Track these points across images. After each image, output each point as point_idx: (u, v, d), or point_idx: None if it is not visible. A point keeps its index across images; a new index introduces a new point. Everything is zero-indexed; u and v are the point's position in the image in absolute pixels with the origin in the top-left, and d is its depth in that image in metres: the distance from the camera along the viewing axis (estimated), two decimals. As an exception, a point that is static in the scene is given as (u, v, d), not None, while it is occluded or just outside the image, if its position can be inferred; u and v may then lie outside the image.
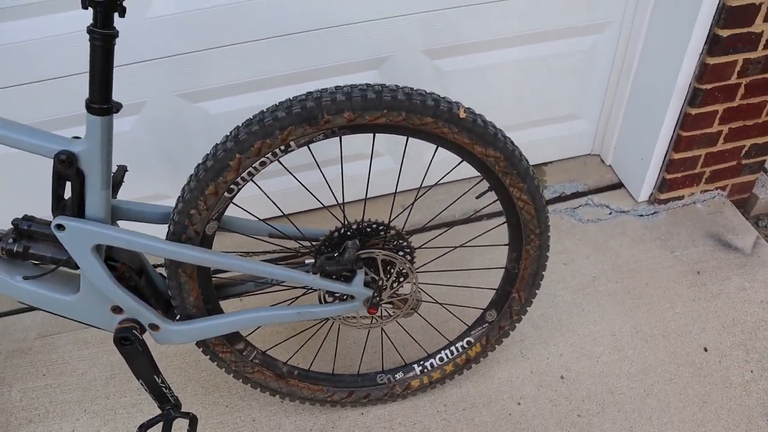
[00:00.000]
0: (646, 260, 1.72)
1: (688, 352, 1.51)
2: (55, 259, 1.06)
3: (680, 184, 1.82)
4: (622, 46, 1.74)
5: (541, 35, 1.68)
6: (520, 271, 1.27)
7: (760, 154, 1.81)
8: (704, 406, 1.40)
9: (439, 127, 1.03)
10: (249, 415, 1.44)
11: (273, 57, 1.53)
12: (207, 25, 1.43)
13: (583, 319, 1.59)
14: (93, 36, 0.87)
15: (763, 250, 1.73)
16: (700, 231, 1.79)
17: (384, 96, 0.98)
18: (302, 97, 0.99)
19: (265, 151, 1.00)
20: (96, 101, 0.92)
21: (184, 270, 1.11)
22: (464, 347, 1.39)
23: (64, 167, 0.96)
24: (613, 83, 1.83)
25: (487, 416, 1.41)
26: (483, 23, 1.60)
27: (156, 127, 1.59)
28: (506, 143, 1.09)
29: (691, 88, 1.60)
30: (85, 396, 1.51)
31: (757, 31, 1.49)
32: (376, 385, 1.40)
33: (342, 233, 1.14)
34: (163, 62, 1.47)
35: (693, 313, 1.59)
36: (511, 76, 1.75)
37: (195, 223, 1.05)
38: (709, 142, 1.72)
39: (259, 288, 1.25)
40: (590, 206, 1.89)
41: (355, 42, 1.55)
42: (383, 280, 1.16)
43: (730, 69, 1.55)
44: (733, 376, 1.46)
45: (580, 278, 1.69)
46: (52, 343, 1.64)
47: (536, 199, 1.16)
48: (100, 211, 1.02)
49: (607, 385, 1.45)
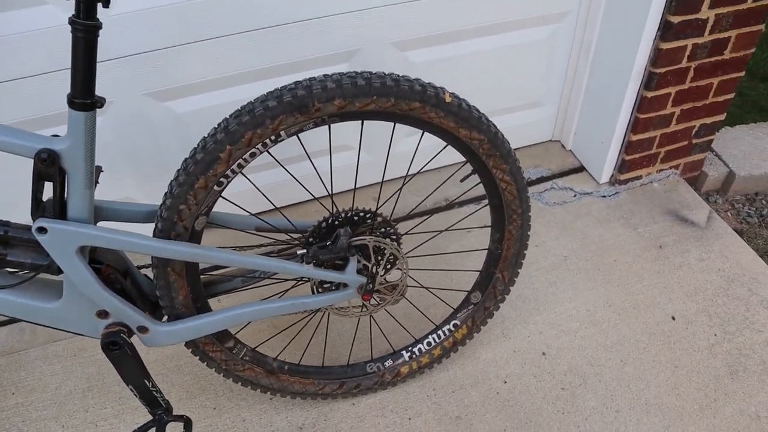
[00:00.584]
0: (611, 238, 1.80)
1: (658, 322, 1.59)
2: (35, 265, 1.02)
3: (638, 165, 1.91)
4: (579, 35, 1.82)
5: (503, 26, 1.73)
6: (504, 251, 1.31)
7: (708, 134, 1.92)
8: (676, 371, 1.48)
9: (426, 111, 1.05)
10: (238, 415, 1.42)
11: (242, 53, 1.51)
12: (173, 22, 1.40)
13: (558, 297, 1.65)
14: (75, 27, 0.84)
15: (716, 223, 1.84)
16: (658, 208, 1.89)
17: (373, 82, 0.99)
18: (292, 86, 0.99)
19: (256, 141, 0.99)
20: (79, 96, 0.89)
21: (173, 268, 1.08)
22: (451, 330, 1.41)
23: (45, 166, 0.92)
24: (571, 71, 1.91)
25: (476, 396, 1.44)
26: (449, 15, 1.63)
27: (123, 128, 1.54)
28: (489, 126, 1.12)
29: (646, 72, 1.68)
30: (62, 411, 1.45)
31: (704, 18, 1.59)
32: (366, 375, 1.41)
33: (330, 222, 1.14)
34: (129, 60, 1.43)
35: (659, 284, 1.68)
36: (475, 66, 1.79)
37: (184, 219, 1.03)
38: (663, 123, 1.81)
39: (247, 284, 1.24)
40: (555, 190, 1.96)
41: (325, 36, 1.55)
42: (375, 266, 1.17)
43: (680, 53, 1.65)
44: (700, 341, 1.55)
45: (551, 259, 1.75)
46: (18, 360, 1.56)
47: (518, 180, 1.20)
48: (83, 211, 0.98)
49: (587, 357, 1.51)
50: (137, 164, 1.64)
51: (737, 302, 1.62)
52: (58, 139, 0.92)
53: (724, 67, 1.74)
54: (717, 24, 1.62)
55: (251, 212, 1.21)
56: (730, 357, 1.51)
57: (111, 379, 1.50)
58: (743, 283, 1.67)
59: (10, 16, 1.30)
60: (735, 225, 1.94)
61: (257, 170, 1.77)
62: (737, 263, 1.72)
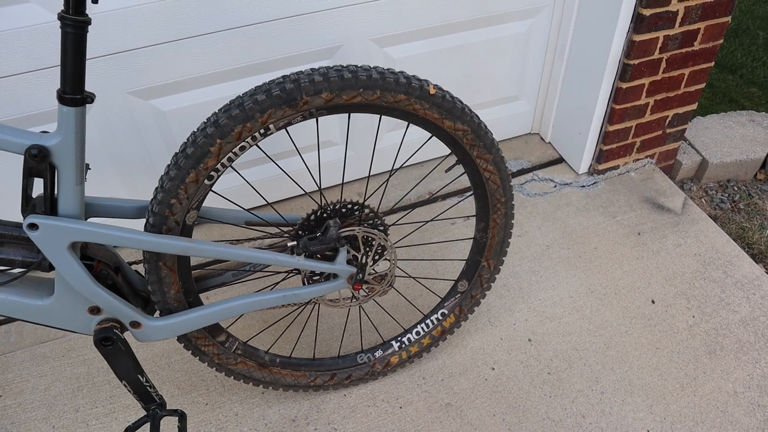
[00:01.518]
0: (591, 226, 1.85)
1: (638, 306, 1.64)
2: (25, 263, 1.02)
3: (615, 155, 1.97)
4: (555, 29, 1.86)
5: (481, 21, 1.77)
6: (489, 240, 1.34)
7: (681, 123, 1.98)
8: (657, 352, 1.53)
9: (411, 103, 1.08)
10: (231, 409, 1.43)
11: (226, 50, 1.52)
12: (157, 20, 1.41)
13: (542, 285, 1.69)
14: (65, 22, 0.85)
15: (691, 209, 1.90)
16: (636, 196, 1.95)
17: (359, 75, 1.02)
18: (280, 80, 1.01)
19: (246, 135, 1.01)
20: (69, 91, 0.90)
21: (165, 262, 1.09)
22: (439, 319, 1.44)
23: (35, 162, 0.93)
24: (548, 64, 1.95)
25: (465, 384, 1.47)
26: (427, 10, 1.66)
27: (106, 126, 1.54)
28: (473, 117, 1.15)
29: (621, 64, 1.74)
30: (52, 412, 1.44)
31: (674, 10, 1.65)
32: (356, 365, 1.43)
33: (319, 215, 1.16)
34: (113, 58, 1.43)
35: (638, 270, 1.73)
36: (455, 60, 1.82)
37: (175, 213, 1.04)
38: (638, 113, 1.87)
39: (238, 278, 1.26)
40: (536, 181, 2.00)
41: (307, 33, 1.57)
42: (365, 256, 1.19)
43: (653, 45, 1.70)
44: (679, 323, 1.60)
45: (534, 248, 1.79)
46: (5, 362, 1.55)
47: (501, 170, 1.24)
48: (74, 207, 0.99)
49: (571, 342, 1.56)
50: (121, 162, 1.64)
51: (713, 284, 1.68)
52: (48, 135, 0.93)
53: (694, 58, 1.80)
54: (686, 16, 1.67)
55: (245, 208, 1.22)
56: (708, 337, 1.56)
57: (101, 379, 1.50)
58: (718, 266, 1.73)
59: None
60: (709, 211, 2.01)
61: (243, 167, 1.78)
62: (712, 247, 1.78)
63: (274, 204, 1.93)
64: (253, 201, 1.85)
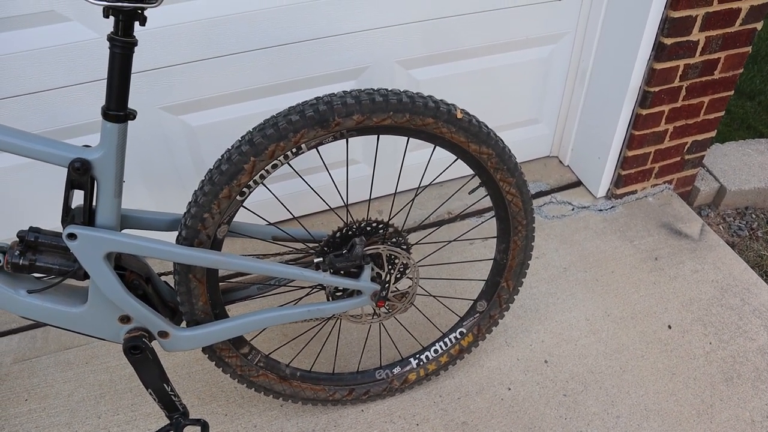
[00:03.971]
0: (609, 250, 1.86)
1: (655, 330, 1.64)
2: (62, 271, 1.05)
3: (633, 180, 1.98)
4: (576, 55, 1.89)
5: (504, 46, 1.80)
6: (509, 261, 1.36)
7: (699, 150, 2.00)
8: (673, 377, 1.54)
9: (439, 127, 1.11)
10: (249, 421, 1.45)
11: (256, 69, 1.57)
12: (192, 39, 1.46)
13: (558, 307, 1.70)
14: (114, 43, 0.90)
15: (708, 236, 1.91)
16: (653, 221, 1.96)
17: (390, 99, 1.05)
18: (313, 102, 1.04)
19: (278, 153, 1.04)
20: (113, 108, 0.94)
21: (195, 275, 1.13)
22: (457, 338, 1.46)
23: (78, 175, 0.97)
24: (569, 89, 1.98)
25: (481, 403, 1.48)
26: (453, 35, 1.70)
27: (137, 141, 1.59)
28: (497, 141, 1.18)
29: (641, 91, 1.76)
30: (75, 418, 1.47)
31: (695, 40, 1.68)
32: (375, 381, 1.45)
33: (345, 232, 1.19)
34: (147, 75, 1.48)
35: (655, 295, 1.73)
36: (477, 83, 1.86)
37: (207, 227, 1.08)
38: (657, 139, 1.89)
39: (263, 291, 1.28)
40: (554, 204, 2.02)
41: (334, 54, 1.61)
42: (389, 274, 1.22)
43: (673, 73, 1.73)
44: (695, 349, 1.60)
45: (551, 270, 1.81)
46: (31, 367, 1.58)
47: (523, 193, 1.26)
48: (111, 219, 1.03)
49: (587, 365, 1.56)
50: (150, 175, 1.68)
51: (730, 311, 1.69)
52: (91, 149, 0.97)
53: (714, 87, 1.82)
54: (707, 46, 1.70)
55: (270, 222, 1.25)
56: (725, 364, 1.56)
57: (123, 386, 1.53)
58: (736, 293, 1.73)
59: (33, 32, 1.35)
60: (727, 238, 2.02)
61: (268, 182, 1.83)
62: (730, 274, 1.79)
63: (298, 218, 1.96)
64: (274, 215, 1.89)
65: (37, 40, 1.36)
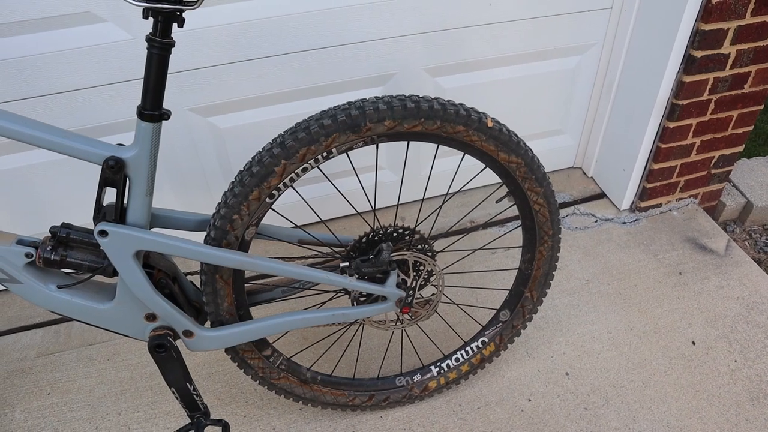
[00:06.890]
0: (632, 263, 1.84)
1: (678, 346, 1.62)
2: (92, 267, 1.06)
3: (658, 193, 1.96)
4: (603, 66, 1.88)
5: (530, 56, 1.80)
6: (533, 271, 1.35)
7: (726, 165, 1.97)
8: (697, 395, 1.51)
9: (469, 135, 1.11)
10: (268, 423, 1.45)
11: (285, 73, 1.58)
12: (221, 42, 1.47)
13: (581, 320, 1.68)
14: (152, 44, 0.91)
15: (734, 251, 1.88)
16: (678, 236, 1.94)
17: (422, 106, 1.05)
18: (345, 106, 1.05)
19: (309, 157, 1.05)
20: (149, 108, 0.95)
21: (221, 275, 1.13)
22: (479, 347, 1.45)
23: (111, 173, 0.98)
24: (594, 100, 1.97)
25: (501, 413, 1.47)
26: (480, 44, 1.70)
27: (164, 141, 1.61)
28: (527, 151, 1.17)
29: (669, 104, 1.74)
30: (95, 413, 1.48)
31: (725, 53, 1.66)
32: (395, 388, 1.44)
33: (371, 238, 1.19)
34: (177, 76, 1.50)
35: (679, 310, 1.71)
36: (502, 93, 1.86)
37: (236, 229, 1.08)
38: (683, 153, 1.87)
39: (287, 294, 1.29)
40: (577, 215, 2.01)
41: (362, 60, 1.62)
42: (414, 281, 1.22)
43: (702, 86, 1.71)
44: (720, 366, 1.58)
45: (574, 282, 1.79)
46: (54, 361, 1.60)
47: (551, 203, 1.25)
48: (142, 217, 1.03)
49: (609, 379, 1.54)
50: (176, 176, 1.70)
51: (757, 329, 1.66)
52: (125, 148, 0.98)
53: (743, 101, 1.80)
54: (738, 59, 1.68)
55: (296, 224, 1.26)
56: (751, 383, 1.54)
57: (143, 384, 1.54)
58: (763, 311, 1.70)
59: (69, 32, 1.37)
60: (753, 254, 1.98)
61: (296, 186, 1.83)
62: (756, 291, 1.76)
63: (315, 224, 1.97)
64: (299, 218, 1.90)
65: (72, 41, 1.39)
